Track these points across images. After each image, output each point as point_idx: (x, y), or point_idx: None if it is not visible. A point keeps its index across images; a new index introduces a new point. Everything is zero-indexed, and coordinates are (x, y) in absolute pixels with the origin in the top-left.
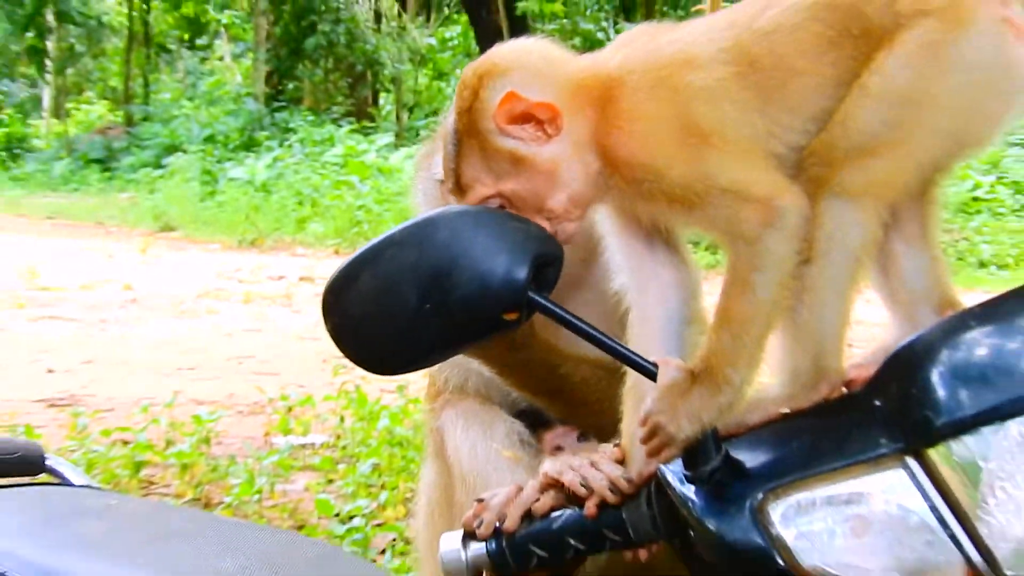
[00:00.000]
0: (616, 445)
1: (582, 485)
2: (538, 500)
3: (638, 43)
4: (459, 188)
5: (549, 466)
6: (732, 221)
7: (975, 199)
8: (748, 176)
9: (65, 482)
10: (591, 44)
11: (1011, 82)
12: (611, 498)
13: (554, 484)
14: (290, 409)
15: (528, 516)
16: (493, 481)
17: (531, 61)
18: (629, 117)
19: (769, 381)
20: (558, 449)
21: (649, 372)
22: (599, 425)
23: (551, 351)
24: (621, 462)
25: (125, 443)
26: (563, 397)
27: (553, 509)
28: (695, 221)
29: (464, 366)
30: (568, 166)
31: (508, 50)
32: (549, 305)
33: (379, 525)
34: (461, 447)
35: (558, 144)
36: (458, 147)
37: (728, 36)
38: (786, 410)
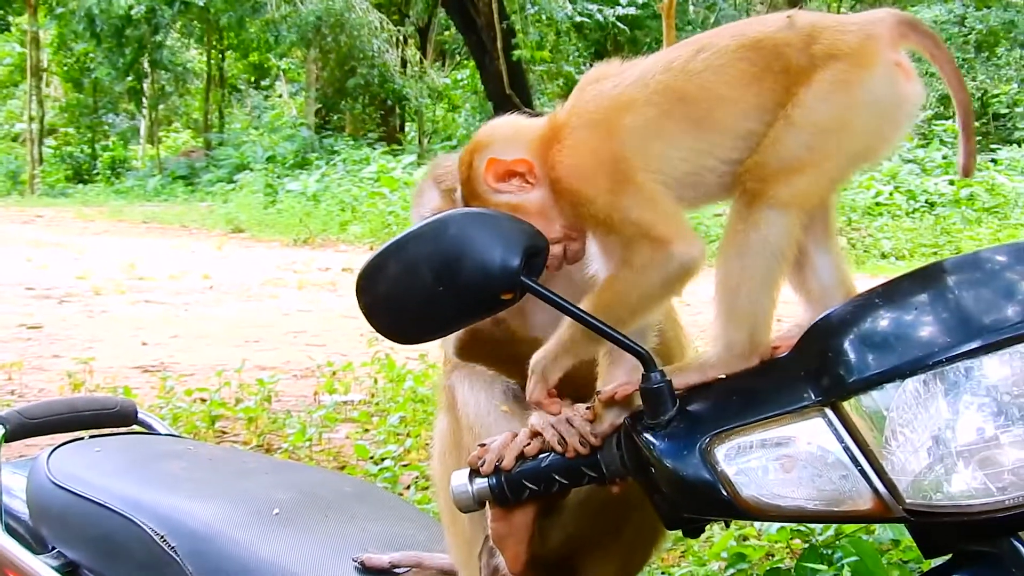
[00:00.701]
0: (589, 407)
1: (558, 441)
2: (529, 444)
3: (589, 87)
4: None
5: (534, 420)
6: (631, 248)
7: (877, 204)
8: (654, 217)
9: (153, 432)
10: (572, 83)
11: (901, 113)
12: (582, 450)
13: (538, 434)
14: (334, 373)
15: (522, 457)
16: (492, 430)
17: (503, 132)
18: (570, 152)
19: (709, 351)
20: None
21: (625, 344)
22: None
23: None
24: (592, 420)
25: (203, 401)
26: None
27: (542, 451)
28: (611, 241)
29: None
30: (554, 202)
31: (487, 128)
32: (538, 287)
33: (405, 466)
34: (468, 402)
35: (541, 188)
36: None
37: (661, 79)
38: (723, 375)
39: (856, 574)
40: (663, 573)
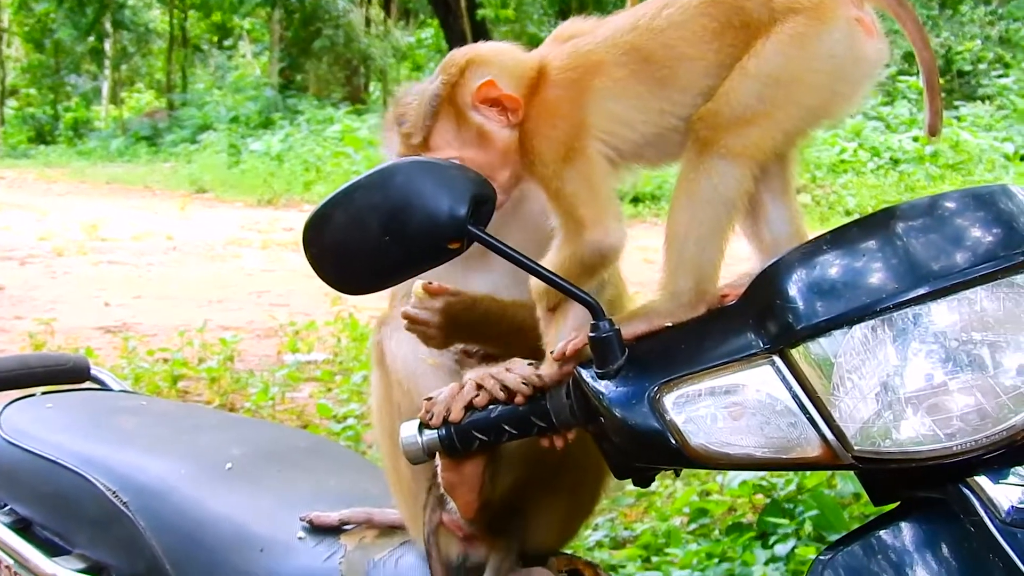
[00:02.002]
0: (530, 364)
1: (500, 388)
2: (478, 396)
3: (562, 43)
4: (426, 145)
5: (472, 374)
6: (560, 222)
7: (842, 161)
8: (585, 197)
9: (106, 388)
10: (536, 43)
11: (860, 70)
12: (526, 391)
13: (480, 387)
14: (297, 332)
15: (471, 408)
16: (420, 383)
17: (506, 60)
18: (543, 108)
19: (656, 299)
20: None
21: (573, 293)
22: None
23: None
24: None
25: (166, 361)
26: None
27: (491, 403)
28: (549, 205)
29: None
30: (514, 149)
31: (490, 47)
32: (485, 236)
33: (367, 424)
34: (396, 356)
35: (512, 132)
36: (437, 112)
37: (628, 39)
38: (670, 323)
39: (817, 528)
40: (626, 528)
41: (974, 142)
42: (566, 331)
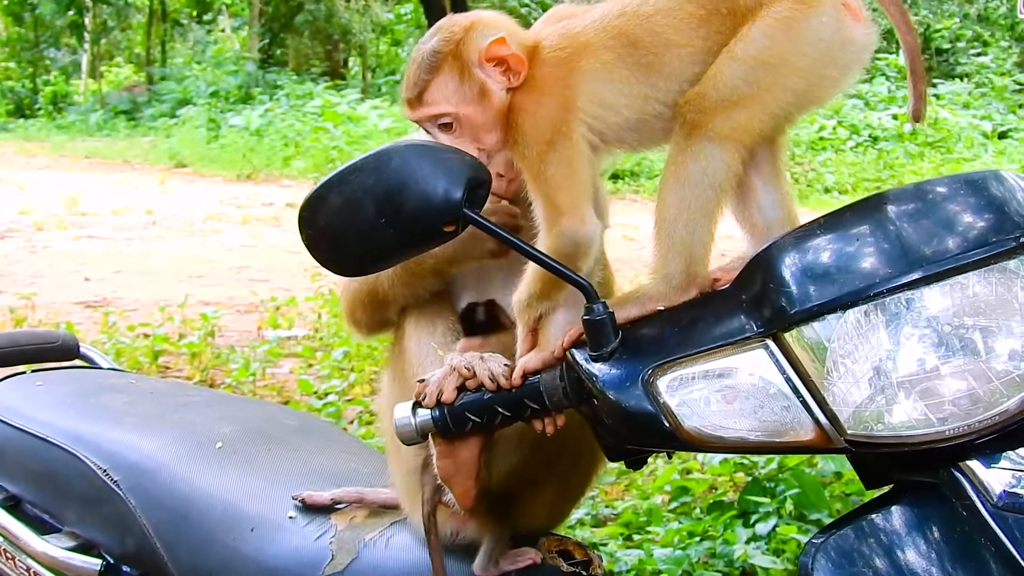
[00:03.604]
0: (507, 364)
1: (489, 377)
2: (471, 378)
3: (554, 23)
4: (420, 101)
5: (461, 358)
6: (543, 205)
7: (821, 139)
8: (563, 183)
9: (95, 366)
10: (516, 19)
11: (847, 55)
12: (490, 385)
13: (472, 371)
14: (278, 308)
15: (464, 389)
16: (426, 368)
17: (510, 26)
18: (534, 86)
19: (647, 283)
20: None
21: (566, 276)
22: None
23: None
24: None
25: (146, 336)
26: None
27: (481, 386)
28: (529, 186)
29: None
30: (501, 119)
31: (492, 14)
32: (480, 219)
33: (349, 400)
34: (411, 338)
35: (507, 96)
36: (436, 67)
37: (616, 24)
38: (662, 307)
39: (799, 506)
40: (607, 506)
41: (953, 120)
42: (545, 341)
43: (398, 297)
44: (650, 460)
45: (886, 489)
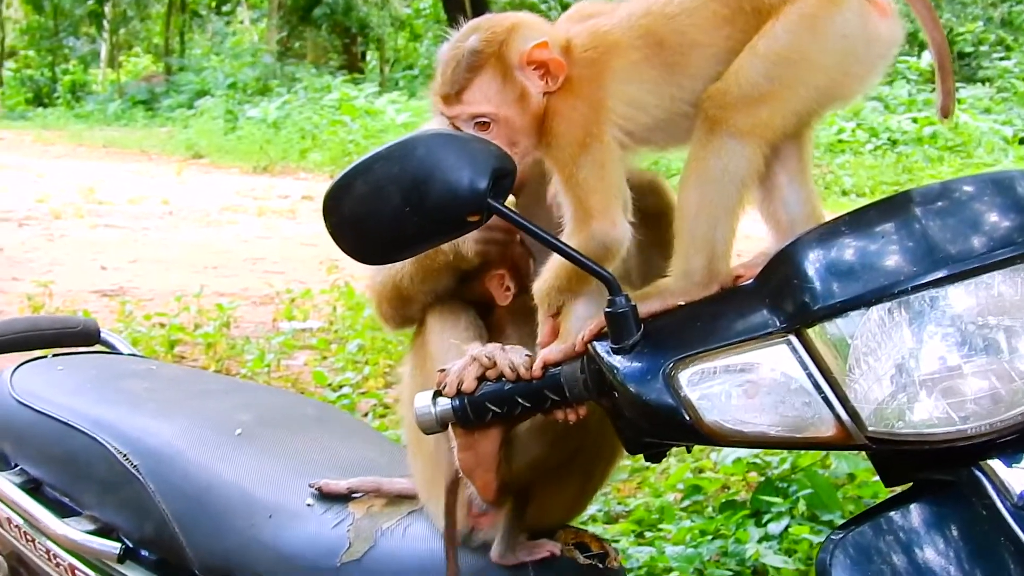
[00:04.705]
0: (528, 355)
1: (510, 367)
2: (491, 368)
3: (579, 21)
4: (459, 99)
5: (470, 348)
6: (574, 207)
7: (840, 141)
8: (596, 186)
9: (115, 351)
10: (536, 13)
11: (872, 52)
12: (510, 375)
13: (493, 361)
14: (293, 300)
15: (484, 379)
16: (446, 361)
17: (548, 30)
18: (568, 88)
19: (669, 279)
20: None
21: (589, 268)
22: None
23: None
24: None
25: (162, 325)
26: None
27: (502, 376)
28: (560, 188)
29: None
30: (538, 121)
31: (529, 15)
32: (504, 210)
33: (363, 393)
34: (434, 330)
35: (544, 101)
36: (478, 67)
37: (642, 23)
38: (683, 302)
39: (811, 507)
40: (619, 503)
41: (974, 124)
42: (567, 333)
43: (418, 294)
44: (667, 453)
45: (906, 487)
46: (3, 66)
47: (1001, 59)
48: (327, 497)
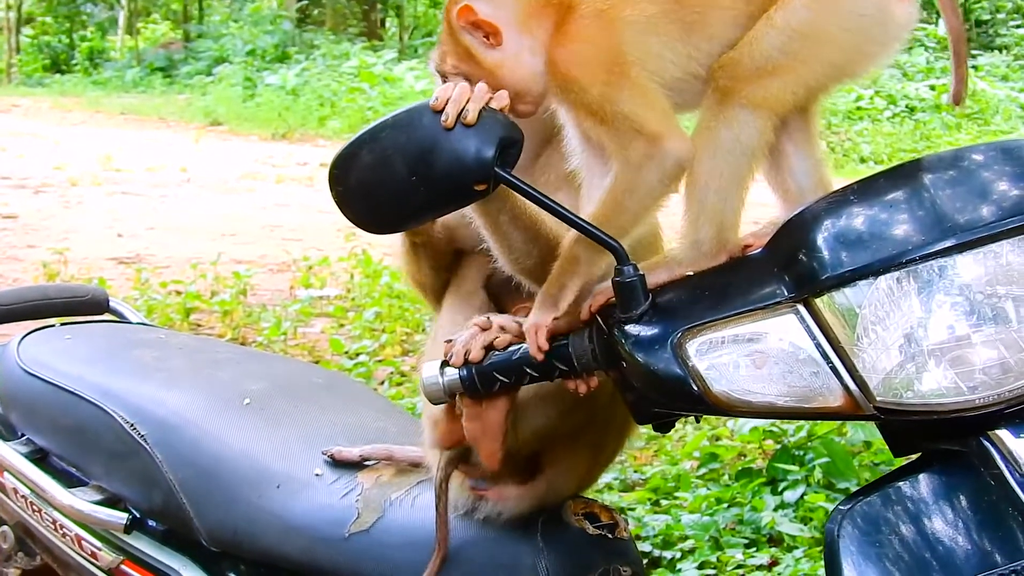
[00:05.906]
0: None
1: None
2: (499, 337)
3: None
4: (443, 59)
5: (476, 318)
6: (624, 144)
7: (858, 108)
8: (647, 113)
9: (124, 320)
10: None
11: (887, 32)
12: (516, 338)
13: (502, 329)
14: (310, 268)
15: (491, 349)
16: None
17: None
18: (573, 38)
19: (677, 248)
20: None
21: (598, 237)
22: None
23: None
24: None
25: (179, 293)
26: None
27: (512, 344)
28: (600, 134)
29: None
30: (509, 71)
31: None
32: (511, 178)
33: (380, 361)
34: (449, 307)
35: (500, 53)
36: (444, 31)
37: None
38: (691, 272)
39: (827, 475)
40: (636, 471)
41: (991, 92)
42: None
43: (432, 283)
44: (679, 426)
45: (914, 456)
46: (20, 32)
47: (1018, 27)
48: (336, 466)
